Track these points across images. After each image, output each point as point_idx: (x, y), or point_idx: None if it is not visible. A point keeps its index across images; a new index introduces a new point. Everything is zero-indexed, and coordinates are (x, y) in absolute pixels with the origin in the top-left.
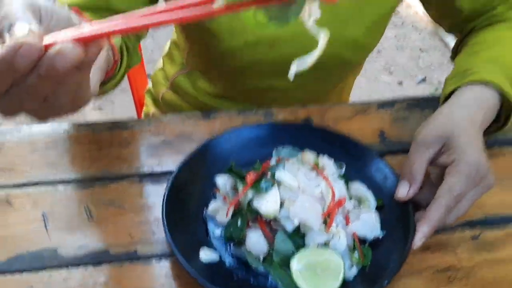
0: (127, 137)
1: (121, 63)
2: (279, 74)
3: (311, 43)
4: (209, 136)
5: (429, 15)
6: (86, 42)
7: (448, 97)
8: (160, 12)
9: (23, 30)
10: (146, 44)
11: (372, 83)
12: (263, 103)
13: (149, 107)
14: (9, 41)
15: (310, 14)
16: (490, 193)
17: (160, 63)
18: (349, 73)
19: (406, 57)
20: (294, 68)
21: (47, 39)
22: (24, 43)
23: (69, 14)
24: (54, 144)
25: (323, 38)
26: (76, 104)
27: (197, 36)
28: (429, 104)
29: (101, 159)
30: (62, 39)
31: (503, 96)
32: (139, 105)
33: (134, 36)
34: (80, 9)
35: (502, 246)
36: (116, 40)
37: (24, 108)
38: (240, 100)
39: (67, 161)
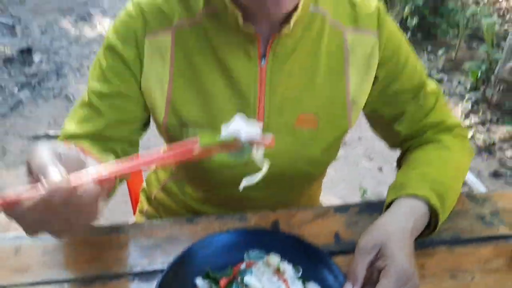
0: (123, 240)
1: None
2: (253, 187)
3: (279, 165)
4: (192, 238)
5: (376, 133)
6: (101, 181)
7: (388, 205)
8: (156, 157)
9: (57, 176)
10: None
11: (353, 169)
12: (241, 207)
13: (143, 205)
14: (46, 184)
15: (257, 152)
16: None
17: (153, 166)
18: (312, 182)
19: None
20: (244, 183)
21: (74, 181)
22: (60, 187)
23: (78, 153)
24: (62, 246)
25: (265, 167)
26: (89, 223)
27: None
28: (377, 209)
29: (101, 260)
30: (85, 180)
31: (430, 207)
32: (134, 202)
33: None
34: (80, 139)
35: None
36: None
37: (50, 229)
38: (221, 205)
39: (73, 262)
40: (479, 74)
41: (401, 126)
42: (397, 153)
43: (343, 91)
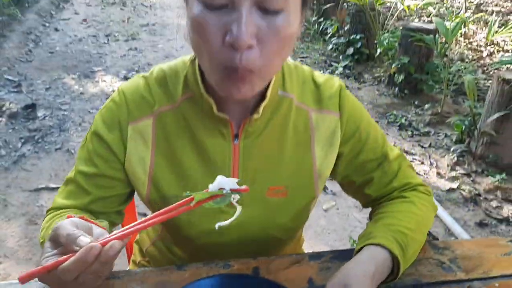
0: (117, 285)
1: None
2: (230, 249)
3: (251, 231)
4: (181, 284)
5: (349, 196)
6: (120, 237)
7: (357, 252)
8: (155, 216)
9: (86, 240)
10: None
11: (343, 220)
12: None
13: (137, 256)
14: (80, 246)
15: (234, 197)
16: None
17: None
18: (284, 246)
19: None
20: (217, 226)
21: (98, 241)
22: (92, 246)
23: (86, 222)
24: None
25: (238, 210)
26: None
27: (166, 223)
28: (347, 256)
29: None
30: (107, 240)
31: (392, 255)
32: (129, 252)
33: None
34: (69, 211)
35: None
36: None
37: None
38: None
39: None
40: (463, 128)
41: (370, 190)
42: None
43: (310, 164)
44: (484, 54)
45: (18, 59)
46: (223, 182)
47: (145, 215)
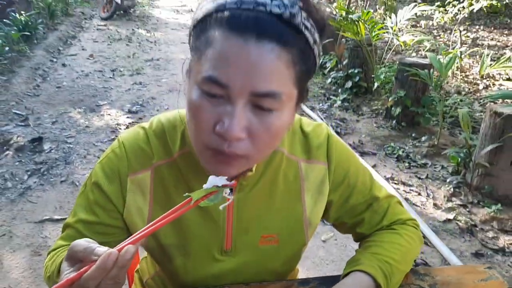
0: None
1: None
2: None
3: (245, 276)
4: None
5: (342, 233)
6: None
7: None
8: (157, 221)
9: (103, 249)
10: None
11: (341, 250)
12: None
13: (137, 286)
14: (98, 255)
15: (226, 191)
16: None
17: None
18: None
19: None
20: (221, 207)
21: (114, 249)
22: (109, 253)
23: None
24: None
25: (231, 200)
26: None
27: (164, 268)
28: (334, 282)
29: None
30: (121, 247)
31: (376, 282)
32: (131, 280)
33: None
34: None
35: None
36: None
37: None
38: None
39: None
40: (459, 160)
41: (362, 229)
42: None
43: (300, 212)
44: (481, 87)
45: (26, 94)
46: (214, 181)
47: None
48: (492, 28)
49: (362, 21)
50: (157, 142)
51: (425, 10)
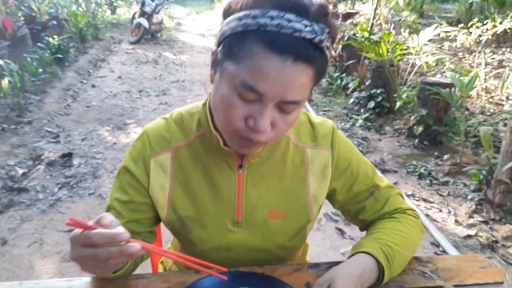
0: (147, 284)
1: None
2: (236, 267)
3: (255, 249)
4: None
5: (348, 221)
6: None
7: None
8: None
9: (123, 229)
10: None
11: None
12: None
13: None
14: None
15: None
16: None
17: (169, 244)
18: (287, 260)
19: None
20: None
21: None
22: (124, 233)
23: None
24: (110, 286)
25: None
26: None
27: (183, 241)
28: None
29: None
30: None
31: (378, 263)
32: (155, 268)
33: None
34: None
35: None
36: None
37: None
38: None
39: None
40: (481, 177)
41: (365, 216)
42: None
43: (305, 192)
44: (506, 108)
45: (57, 113)
46: None
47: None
48: None
49: (384, 41)
50: (176, 128)
51: (448, 31)
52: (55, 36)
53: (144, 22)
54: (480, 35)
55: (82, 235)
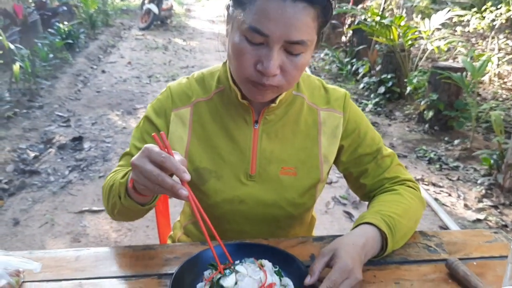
0: (154, 254)
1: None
2: (248, 222)
3: (266, 203)
4: None
5: (350, 188)
6: None
7: None
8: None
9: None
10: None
11: None
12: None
13: (177, 231)
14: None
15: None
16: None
17: (178, 218)
18: (294, 223)
19: None
20: None
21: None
22: (180, 161)
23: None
24: (110, 256)
25: None
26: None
27: (197, 193)
28: None
29: (137, 265)
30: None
31: (381, 233)
32: (161, 238)
33: None
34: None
35: None
36: None
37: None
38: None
39: (116, 266)
40: (491, 162)
41: (365, 180)
42: None
43: (317, 150)
44: None
45: (68, 98)
46: None
47: None
48: None
49: (395, 25)
50: (197, 85)
51: (460, 15)
52: (66, 22)
53: (154, 8)
54: (493, 20)
55: (157, 151)
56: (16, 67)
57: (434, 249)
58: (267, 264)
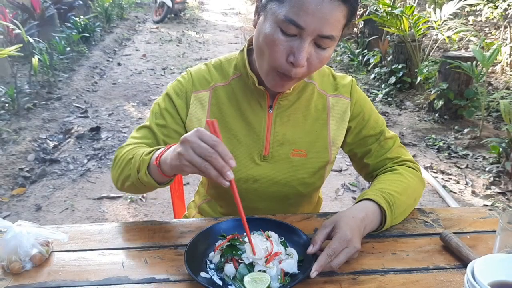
0: (170, 228)
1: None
2: (260, 200)
3: (278, 182)
4: None
5: (355, 168)
6: None
7: None
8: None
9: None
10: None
11: None
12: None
13: (192, 210)
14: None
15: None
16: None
17: (193, 198)
18: (303, 202)
19: None
20: None
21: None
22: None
23: None
24: (127, 229)
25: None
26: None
27: None
28: None
29: (155, 237)
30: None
31: (380, 208)
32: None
33: None
34: (140, 144)
35: None
36: None
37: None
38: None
39: (134, 238)
40: (500, 150)
41: (369, 160)
42: None
43: (326, 134)
44: None
45: (85, 90)
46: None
47: None
48: None
49: (406, 16)
50: (215, 71)
51: (472, 5)
52: (81, 16)
53: (168, 1)
54: (506, 9)
55: (210, 134)
56: (35, 60)
57: (431, 224)
58: (274, 235)
